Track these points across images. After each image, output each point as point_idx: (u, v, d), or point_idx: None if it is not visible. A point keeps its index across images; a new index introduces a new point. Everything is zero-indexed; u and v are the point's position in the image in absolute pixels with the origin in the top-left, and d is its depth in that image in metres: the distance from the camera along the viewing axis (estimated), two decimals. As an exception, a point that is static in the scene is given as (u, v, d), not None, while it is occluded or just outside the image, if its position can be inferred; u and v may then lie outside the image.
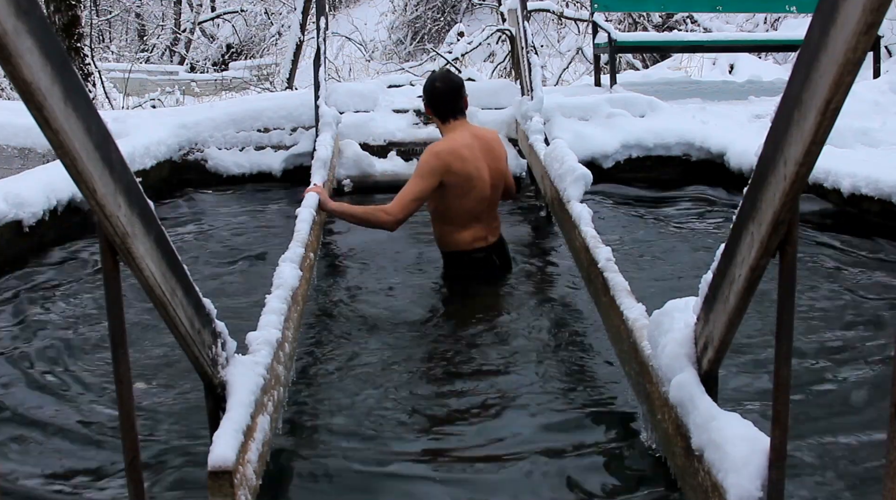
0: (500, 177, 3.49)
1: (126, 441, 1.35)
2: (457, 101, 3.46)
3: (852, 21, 1.01)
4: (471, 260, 3.47)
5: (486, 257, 3.49)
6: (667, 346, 1.74)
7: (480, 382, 2.44)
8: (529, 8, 6.87)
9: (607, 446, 2.07)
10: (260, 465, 1.66)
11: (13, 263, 3.58)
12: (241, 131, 5.61)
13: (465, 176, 3.33)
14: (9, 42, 1.01)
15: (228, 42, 19.82)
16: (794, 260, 1.28)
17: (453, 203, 3.38)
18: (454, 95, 3.46)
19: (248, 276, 3.52)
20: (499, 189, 3.49)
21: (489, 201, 3.45)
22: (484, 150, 3.43)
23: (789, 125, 1.18)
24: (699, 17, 12.87)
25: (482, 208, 3.43)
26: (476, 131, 3.52)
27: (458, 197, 3.36)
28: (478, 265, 3.48)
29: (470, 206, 3.39)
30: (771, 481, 1.33)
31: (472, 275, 3.47)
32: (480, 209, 3.42)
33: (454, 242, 3.47)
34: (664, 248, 3.90)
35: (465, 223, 3.43)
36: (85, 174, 1.17)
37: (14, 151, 5.50)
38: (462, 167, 3.32)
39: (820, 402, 2.26)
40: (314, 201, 3.33)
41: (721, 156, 5.15)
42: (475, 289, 3.39)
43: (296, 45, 11.00)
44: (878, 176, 3.87)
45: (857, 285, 3.25)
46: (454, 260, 3.51)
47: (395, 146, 5.49)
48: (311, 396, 2.38)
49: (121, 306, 1.31)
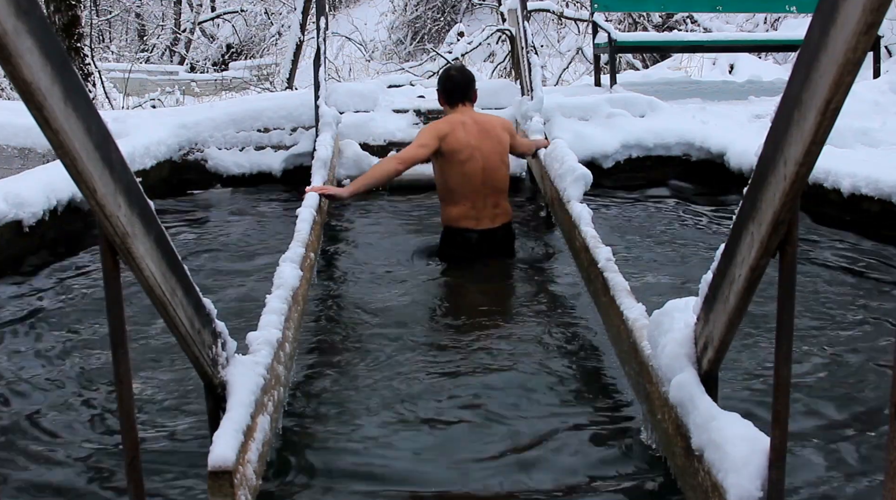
0: (495, 159, 3.70)
1: (126, 441, 1.35)
2: (466, 90, 3.80)
3: (852, 21, 1.01)
4: (458, 238, 3.74)
5: (477, 241, 3.70)
6: (667, 346, 1.74)
7: (480, 382, 2.44)
8: (529, 8, 6.88)
9: (607, 445, 2.07)
10: (260, 465, 1.66)
11: (13, 263, 3.57)
12: (241, 131, 5.61)
13: (455, 148, 3.64)
14: (9, 42, 1.01)
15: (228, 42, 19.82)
16: (794, 260, 1.28)
17: (447, 176, 3.71)
18: (465, 85, 3.82)
19: (247, 276, 3.52)
20: (493, 173, 3.70)
21: (481, 181, 3.67)
22: (480, 131, 3.70)
23: (789, 125, 1.18)
24: (699, 17, 12.86)
25: (473, 188, 3.67)
26: (476, 116, 3.80)
27: (450, 170, 3.69)
28: (463, 246, 3.72)
29: (459, 181, 3.67)
30: (771, 481, 1.33)
31: (459, 255, 3.71)
32: (471, 188, 3.67)
33: (445, 217, 3.77)
34: (664, 248, 3.89)
35: (456, 200, 3.71)
36: (85, 174, 1.17)
37: (14, 151, 5.50)
38: (454, 139, 3.65)
39: (820, 402, 2.26)
40: (314, 201, 3.33)
41: (721, 156, 5.15)
42: (476, 289, 3.40)
43: (296, 45, 10.99)
44: (878, 176, 3.87)
45: (857, 285, 3.25)
46: (445, 236, 3.79)
47: (395, 146, 5.49)
48: (311, 396, 2.38)
49: (121, 306, 1.31)
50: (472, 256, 3.69)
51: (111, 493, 1.90)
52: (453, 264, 3.66)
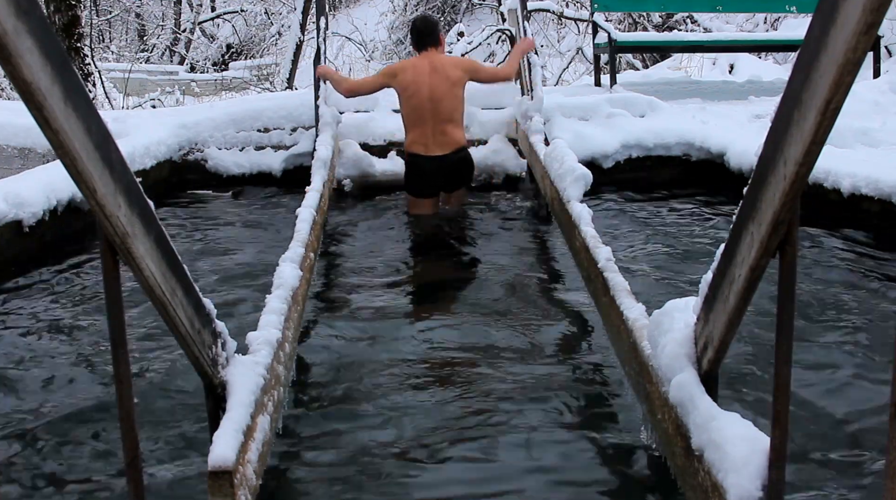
0: (441, 91, 4.43)
1: (126, 441, 1.35)
2: (427, 37, 4.58)
3: (852, 21, 1.01)
4: (412, 162, 4.50)
5: (428, 166, 4.45)
6: (667, 346, 1.74)
7: (479, 382, 2.44)
8: (529, 8, 6.87)
9: (607, 446, 2.07)
10: (260, 465, 1.66)
11: (13, 263, 3.58)
12: (241, 131, 5.60)
13: (404, 85, 4.48)
14: (9, 42, 1.01)
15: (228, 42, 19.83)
16: (794, 260, 1.28)
17: (402, 109, 4.56)
18: (427, 32, 4.60)
19: (247, 276, 3.52)
20: (438, 104, 4.42)
21: (429, 112, 4.42)
22: (431, 70, 4.47)
23: (789, 125, 1.18)
24: (699, 17, 12.86)
25: (421, 118, 4.44)
26: (435, 58, 4.54)
27: (404, 104, 4.53)
28: (417, 170, 4.48)
29: (409, 112, 4.49)
30: (771, 481, 1.33)
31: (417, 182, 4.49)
32: (419, 116, 4.45)
33: (406, 143, 4.59)
34: (664, 248, 3.89)
35: (409, 127, 4.53)
36: (85, 174, 1.17)
37: (14, 151, 5.50)
38: (403, 78, 4.50)
39: (820, 402, 2.26)
40: (314, 201, 3.33)
41: (721, 156, 5.15)
42: (476, 288, 3.39)
43: (296, 45, 10.99)
44: (878, 176, 3.87)
45: (857, 285, 3.24)
46: (405, 162, 4.59)
47: (395, 146, 5.48)
48: (311, 396, 2.38)
49: (121, 306, 1.31)
50: (427, 181, 4.46)
51: (111, 493, 1.90)
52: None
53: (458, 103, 4.49)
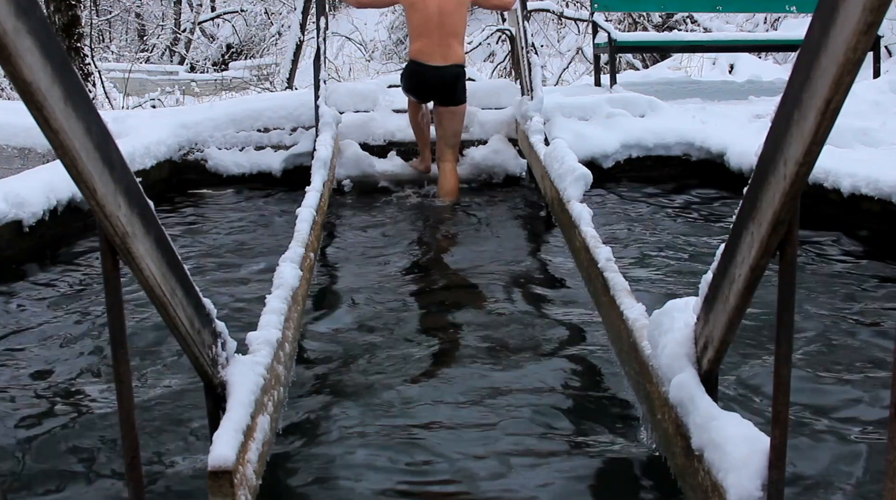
0: (450, 5, 4.76)
1: (126, 441, 1.35)
2: None
3: (852, 21, 1.01)
4: (414, 69, 4.87)
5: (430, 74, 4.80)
6: (667, 346, 1.74)
7: (479, 382, 2.44)
8: (529, 8, 6.87)
9: (607, 446, 2.07)
10: (260, 465, 1.66)
11: (13, 263, 3.58)
12: (240, 131, 5.60)
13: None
14: (9, 42, 1.01)
15: (228, 42, 19.83)
16: (794, 260, 1.28)
17: (410, 19, 4.88)
18: None
19: (247, 276, 3.52)
20: (447, 17, 4.76)
21: (436, 24, 4.76)
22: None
23: (789, 125, 1.18)
24: (699, 17, 12.87)
25: (429, 29, 4.78)
26: None
27: (412, 15, 4.85)
28: (417, 77, 4.85)
29: (418, 23, 4.82)
30: (771, 481, 1.33)
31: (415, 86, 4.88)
32: (427, 29, 4.78)
33: (410, 52, 4.94)
34: (664, 247, 3.89)
35: (415, 38, 4.86)
36: (85, 174, 1.17)
37: (14, 151, 5.50)
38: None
39: (820, 401, 2.26)
40: (314, 201, 3.33)
41: (721, 156, 5.15)
42: (475, 288, 3.40)
43: (296, 45, 10.99)
44: (878, 176, 3.87)
45: (857, 285, 3.24)
46: (407, 66, 4.96)
47: (395, 146, 5.49)
48: (311, 396, 2.37)
49: (121, 306, 1.31)
50: (424, 88, 4.85)
51: (111, 493, 1.90)
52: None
53: (462, 20, 4.87)
